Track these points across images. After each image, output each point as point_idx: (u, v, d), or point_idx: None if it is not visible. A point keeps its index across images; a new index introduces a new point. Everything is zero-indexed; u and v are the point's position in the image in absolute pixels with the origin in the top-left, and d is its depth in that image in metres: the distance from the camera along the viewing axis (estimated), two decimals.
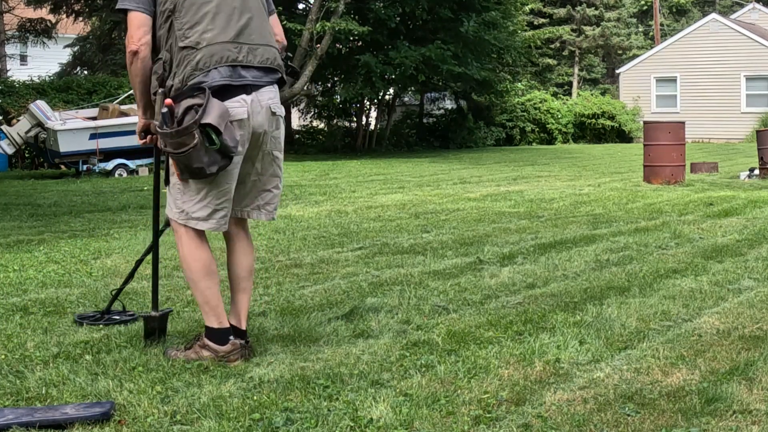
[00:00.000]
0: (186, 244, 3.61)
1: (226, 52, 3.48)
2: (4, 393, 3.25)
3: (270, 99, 3.60)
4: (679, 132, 12.45)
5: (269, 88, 3.60)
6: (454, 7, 21.98)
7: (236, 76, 3.49)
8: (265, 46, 3.60)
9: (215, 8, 3.52)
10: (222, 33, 3.49)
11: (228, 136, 3.38)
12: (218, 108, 3.37)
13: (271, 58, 3.61)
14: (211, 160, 3.38)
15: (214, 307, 3.59)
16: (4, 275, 5.64)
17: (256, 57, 3.55)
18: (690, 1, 47.69)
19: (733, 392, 3.14)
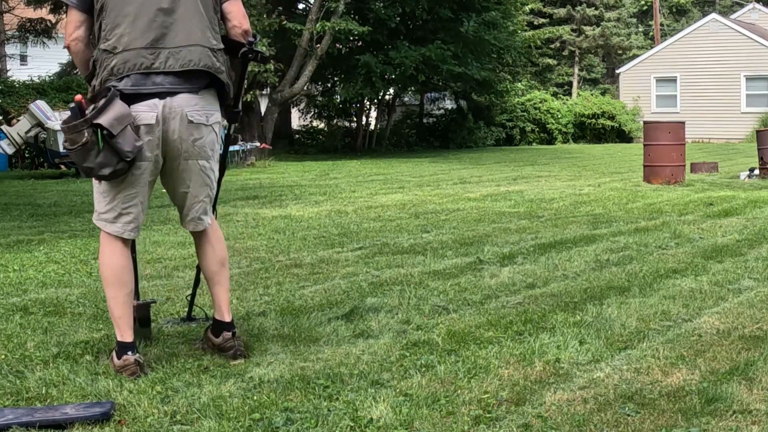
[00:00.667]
0: (102, 246, 3.56)
1: (140, 59, 3.39)
2: (4, 393, 3.25)
3: (188, 106, 3.45)
4: (679, 132, 12.45)
5: (189, 95, 3.45)
6: (454, 7, 21.99)
7: (149, 84, 3.39)
8: (190, 47, 3.44)
9: (137, 9, 3.42)
10: (139, 37, 3.40)
11: (124, 140, 3.28)
12: (117, 110, 3.29)
13: (195, 60, 3.44)
14: (103, 162, 3.31)
15: (115, 318, 3.48)
16: (4, 275, 5.64)
17: (177, 61, 3.41)
18: (690, 1, 47.69)
19: (733, 392, 3.14)
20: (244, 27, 3.61)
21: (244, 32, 3.61)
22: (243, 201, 10.62)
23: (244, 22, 3.62)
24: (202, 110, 3.50)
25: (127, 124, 3.31)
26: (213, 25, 3.55)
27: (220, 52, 3.55)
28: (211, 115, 3.54)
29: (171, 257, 6.33)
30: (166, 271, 5.79)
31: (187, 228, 3.69)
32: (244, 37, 3.60)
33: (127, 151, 3.30)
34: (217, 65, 3.51)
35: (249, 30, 3.62)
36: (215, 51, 3.52)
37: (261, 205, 10.16)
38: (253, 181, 13.88)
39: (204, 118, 3.50)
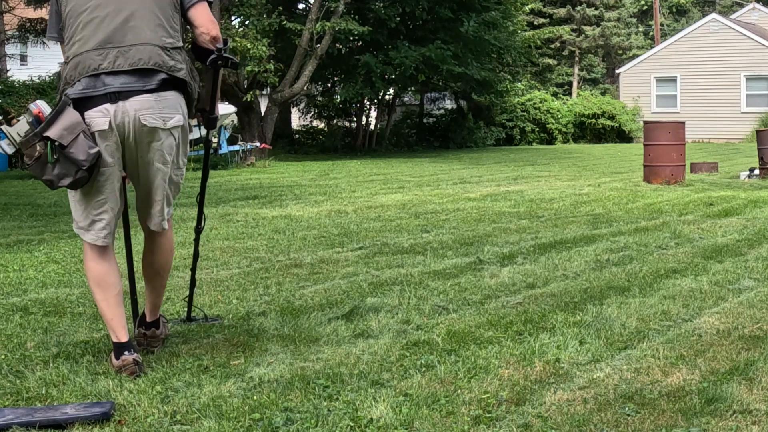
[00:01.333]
0: (84, 253, 3.59)
1: (88, 61, 3.37)
2: (4, 393, 3.25)
3: (142, 109, 3.37)
4: (679, 132, 12.44)
5: (143, 98, 3.37)
6: (454, 7, 21.99)
7: (100, 84, 3.35)
8: (139, 45, 3.38)
9: (87, 16, 3.41)
10: (89, 41, 3.39)
11: (77, 149, 3.24)
12: (67, 119, 3.27)
13: (145, 59, 3.37)
14: (62, 173, 3.28)
15: (108, 320, 3.49)
16: (4, 275, 5.64)
17: (127, 60, 3.36)
18: (690, 1, 47.69)
19: (733, 392, 3.14)
20: (212, 33, 3.50)
21: (212, 39, 3.51)
22: (243, 201, 10.62)
23: (212, 28, 3.51)
24: (158, 113, 3.40)
25: (80, 132, 3.27)
26: (170, 23, 3.47)
27: (177, 51, 3.46)
28: (169, 119, 3.43)
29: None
30: None
31: (148, 226, 3.65)
32: (213, 43, 3.51)
33: (82, 159, 3.26)
34: (170, 63, 3.41)
35: (218, 36, 3.51)
36: (169, 49, 3.43)
37: (261, 205, 10.16)
38: (253, 181, 13.88)
39: (160, 121, 3.40)
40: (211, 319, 4.33)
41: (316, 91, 26.44)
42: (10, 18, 25.18)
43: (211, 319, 4.34)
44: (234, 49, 18.43)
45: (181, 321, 4.32)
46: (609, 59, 43.04)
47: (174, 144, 3.49)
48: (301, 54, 20.39)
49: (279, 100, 21.15)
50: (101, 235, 3.49)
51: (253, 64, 18.62)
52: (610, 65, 42.74)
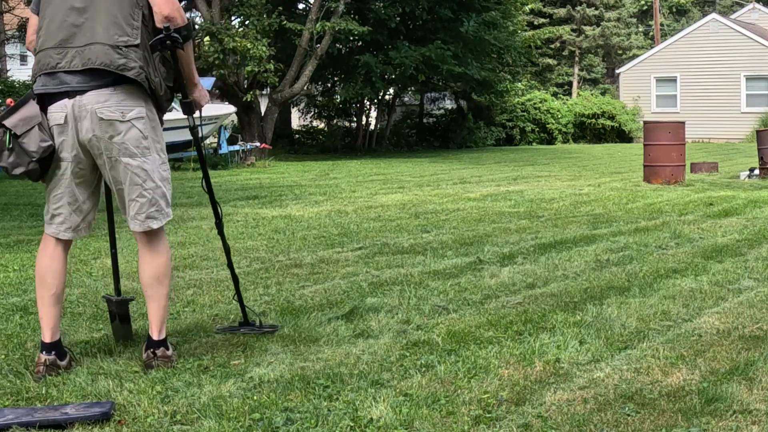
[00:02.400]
0: (40, 245, 3.64)
1: (48, 59, 3.41)
2: (4, 393, 3.25)
3: (98, 102, 3.37)
4: (679, 132, 12.45)
5: (99, 92, 3.38)
6: (454, 7, 21.99)
7: (57, 82, 3.39)
8: (92, 45, 3.38)
9: (53, 11, 3.45)
10: (51, 37, 3.43)
11: (29, 140, 3.33)
12: (26, 111, 3.36)
13: (93, 58, 3.36)
14: (15, 162, 3.37)
15: (39, 317, 3.54)
16: (4, 275, 5.64)
17: (81, 60, 3.37)
18: (690, 1, 47.69)
19: (733, 392, 3.14)
20: (164, 12, 3.45)
21: (163, 18, 3.45)
22: (243, 201, 10.62)
23: (164, 7, 3.45)
24: (116, 106, 3.39)
25: (35, 124, 3.36)
26: (129, 20, 3.42)
27: (133, 49, 3.39)
28: (128, 111, 3.41)
29: (171, 257, 6.32)
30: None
31: (130, 227, 3.59)
32: (163, 23, 3.45)
33: (32, 151, 3.35)
34: (119, 62, 3.36)
35: (170, 15, 3.44)
36: (121, 48, 3.38)
37: (261, 205, 10.16)
38: (253, 181, 13.88)
39: (118, 114, 3.39)
40: (266, 328, 4.12)
41: (316, 91, 26.44)
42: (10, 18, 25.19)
43: (266, 327, 4.13)
44: (234, 48, 18.45)
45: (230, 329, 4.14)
46: (609, 59, 43.04)
47: (140, 136, 3.44)
48: (301, 54, 20.39)
49: (279, 100, 21.15)
50: (61, 229, 3.55)
51: (253, 64, 18.62)
52: (610, 65, 42.75)
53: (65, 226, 3.55)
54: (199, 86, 3.77)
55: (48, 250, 3.57)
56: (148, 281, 3.60)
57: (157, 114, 3.57)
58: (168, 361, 3.54)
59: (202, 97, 3.79)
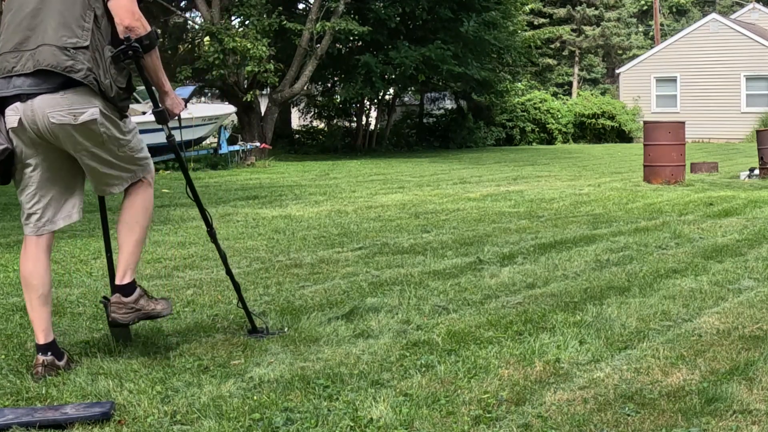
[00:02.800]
0: (22, 249, 3.69)
1: (4, 63, 3.43)
2: (4, 393, 3.25)
3: (48, 107, 3.36)
4: (679, 132, 12.45)
5: (49, 96, 3.37)
6: (454, 7, 21.99)
7: (11, 86, 3.40)
8: (41, 47, 3.38)
9: (11, 16, 3.47)
10: (8, 42, 3.45)
11: None
12: None
13: (41, 60, 3.36)
14: None
15: (30, 319, 3.58)
16: (4, 275, 5.64)
17: (31, 62, 3.38)
18: (690, 1, 47.69)
19: (733, 392, 3.14)
20: (125, 23, 3.42)
21: (124, 29, 3.42)
22: (243, 201, 10.62)
23: (125, 18, 3.42)
24: (66, 110, 3.38)
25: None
26: (79, 21, 3.41)
27: (82, 50, 3.38)
28: (80, 114, 3.39)
29: (171, 257, 6.33)
30: (166, 271, 5.79)
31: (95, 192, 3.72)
32: (124, 33, 3.43)
33: None
34: (67, 64, 3.35)
35: (131, 25, 3.41)
36: (69, 49, 3.37)
37: (261, 205, 10.16)
38: (253, 181, 13.88)
39: (70, 117, 3.38)
40: (273, 332, 4.07)
41: (316, 91, 26.44)
42: None
43: (273, 332, 4.09)
44: (234, 48, 18.45)
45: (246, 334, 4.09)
46: (609, 59, 43.04)
47: (95, 134, 3.44)
48: (301, 54, 20.40)
49: (279, 100, 21.15)
50: (39, 226, 3.60)
51: (253, 64, 18.62)
52: (610, 65, 42.75)
53: (42, 221, 3.60)
54: (172, 94, 3.73)
55: (29, 252, 3.62)
56: (120, 227, 3.68)
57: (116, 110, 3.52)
58: (123, 307, 3.60)
59: (175, 106, 3.74)
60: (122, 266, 3.64)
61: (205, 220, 4.04)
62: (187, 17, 24.30)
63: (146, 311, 3.67)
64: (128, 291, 3.63)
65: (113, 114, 3.50)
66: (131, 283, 3.65)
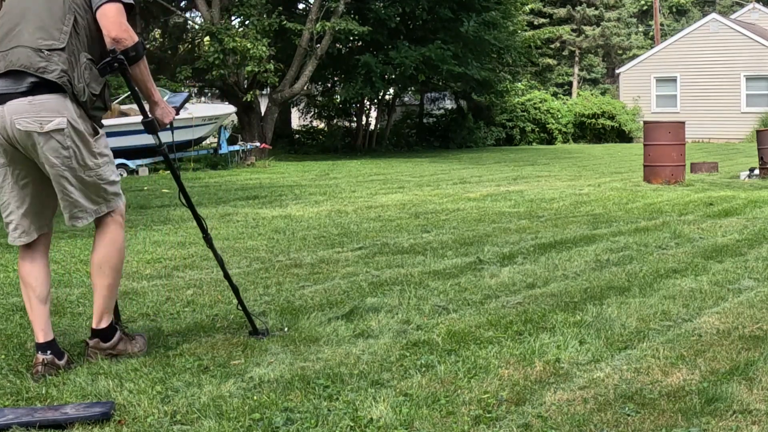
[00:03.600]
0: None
1: None
2: (4, 393, 3.25)
3: (16, 113, 3.34)
4: (679, 132, 12.45)
5: (17, 101, 3.34)
6: (454, 7, 21.99)
7: None
8: (15, 48, 3.37)
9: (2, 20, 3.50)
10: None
11: None
12: None
13: (14, 60, 3.35)
14: None
15: (31, 320, 3.58)
16: (4, 275, 5.64)
17: (5, 63, 3.38)
18: (690, 1, 47.69)
19: (733, 392, 3.14)
20: (111, 34, 3.40)
21: (111, 40, 3.41)
22: (243, 201, 10.62)
23: (112, 29, 3.40)
24: (33, 117, 3.34)
25: None
26: (58, 24, 3.40)
27: (57, 52, 3.36)
28: (46, 122, 3.34)
29: (171, 257, 6.33)
30: (166, 271, 5.79)
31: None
32: (111, 45, 3.41)
33: None
34: (40, 65, 3.34)
35: (117, 36, 3.39)
36: (44, 50, 3.35)
37: (261, 205, 10.16)
38: (253, 181, 13.88)
39: (36, 125, 3.34)
40: (273, 333, 4.07)
41: (316, 91, 26.45)
42: None
43: (273, 332, 4.08)
44: (234, 48, 18.45)
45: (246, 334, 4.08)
46: (609, 59, 43.04)
47: (59, 146, 3.37)
48: (301, 54, 20.40)
49: (279, 100, 21.16)
50: (15, 235, 3.57)
51: (253, 64, 18.62)
52: (610, 65, 42.75)
53: (19, 232, 3.56)
54: (161, 104, 3.70)
55: (26, 253, 3.62)
56: (93, 269, 3.65)
57: (89, 122, 3.47)
58: (102, 352, 3.58)
59: (165, 115, 3.71)
60: (98, 311, 3.61)
61: (201, 227, 4.02)
62: (187, 17, 24.30)
63: (122, 355, 3.63)
64: (107, 335, 3.61)
65: (85, 128, 3.44)
66: (110, 326, 3.62)
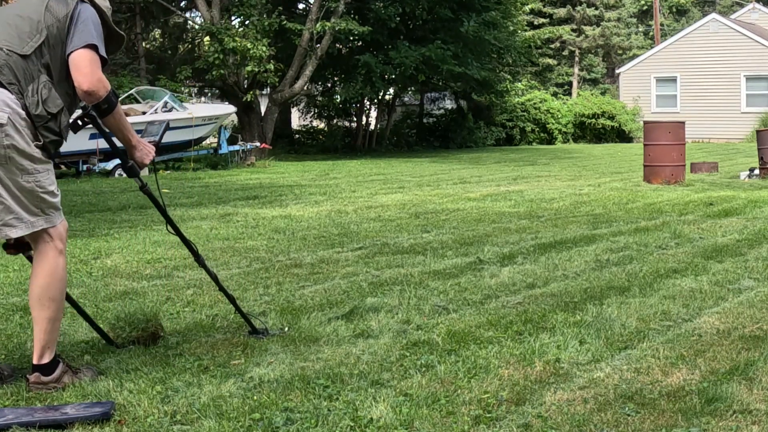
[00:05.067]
0: None
1: None
2: (4, 393, 3.25)
3: None
4: (679, 132, 12.44)
5: None
6: (454, 7, 22.00)
7: None
8: None
9: None
10: None
11: None
12: None
13: None
14: None
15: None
16: (4, 275, 5.64)
17: None
18: (690, 1, 47.69)
19: (733, 392, 3.14)
20: (83, 87, 3.28)
21: (83, 93, 3.30)
22: (243, 201, 10.62)
23: (84, 82, 3.29)
24: None
25: None
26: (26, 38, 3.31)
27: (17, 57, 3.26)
28: None
29: (171, 257, 6.33)
30: (166, 271, 5.79)
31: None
32: (82, 98, 3.30)
33: None
34: None
35: (90, 89, 3.27)
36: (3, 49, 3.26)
37: (261, 205, 10.16)
38: (253, 181, 13.88)
39: None
40: (273, 332, 4.07)
41: (316, 91, 26.45)
42: None
43: (273, 332, 4.08)
44: (234, 48, 18.45)
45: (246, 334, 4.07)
46: (609, 59, 43.04)
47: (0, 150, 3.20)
48: (301, 54, 20.40)
49: (279, 100, 21.16)
50: None
51: (253, 64, 18.62)
52: (610, 65, 42.74)
53: None
54: (140, 146, 3.60)
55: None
56: (31, 301, 3.34)
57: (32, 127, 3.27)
58: (44, 387, 3.29)
59: (144, 156, 3.60)
60: (38, 345, 3.30)
61: (190, 250, 3.99)
62: (187, 17, 24.31)
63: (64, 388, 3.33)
64: (48, 370, 3.31)
65: (28, 131, 3.26)
66: (51, 361, 3.33)
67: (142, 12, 23.49)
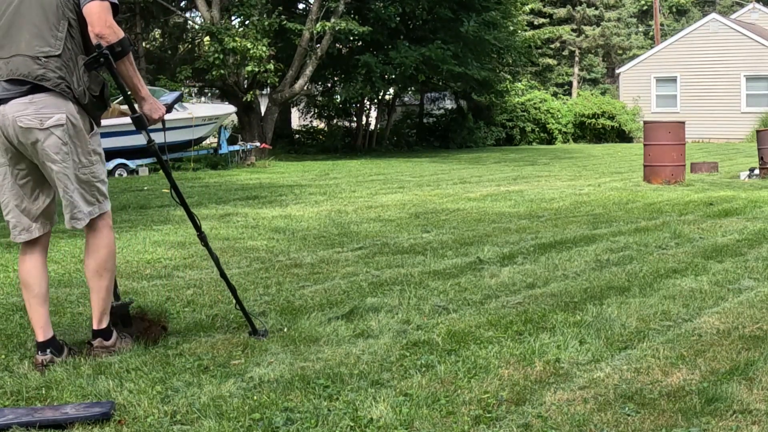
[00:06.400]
0: None
1: None
2: (4, 393, 3.25)
3: (18, 112, 3.47)
4: (679, 132, 12.44)
5: (19, 100, 3.48)
6: (454, 7, 22.00)
7: None
8: (15, 57, 3.49)
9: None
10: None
11: None
12: None
13: (14, 69, 3.49)
14: None
15: (30, 319, 3.69)
16: (4, 275, 5.64)
17: (6, 71, 3.51)
18: (690, 1, 47.69)
19: (733, 392, 3.14)
20: (95, 30, 3.48)
21: (95, 36, 3.48)
22: (243, 201, 10.62)
23: (96, 25, 3.48)
24: (34, 114, 3.47)
25: None
26: (53, 31, 3.51)
27: (54, 59, 3.49)
28: (47, 119, 3.48)
29: (171, 257, 6.33)
30: (167, 270, 5.79)
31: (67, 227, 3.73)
32: (95, 40, 3.49)
33: None
34: (38, 73, 3.47)
35: (100, 32, 3.47)
36: (41, 58, 3.48)
37: (261, 205, 10.16)
38: (253, 181, 13.88)
39: (36, 122, 3.47)
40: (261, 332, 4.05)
41: (316, 91, 26.45)
42: None
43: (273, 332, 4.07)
44: (234, 48, 18.45)
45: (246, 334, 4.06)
46: (609, 59, 43.04)
47: (59, 142, 3.51)
48: (301, 54, 20.40)
49: (279, 100, 21.16)
50: (15, 233, 3.69)
51: (253, 64, 18.62)
52: (610, 65, 42.75)
53: (18, 229, 3.67)
54: (150, 99, 3.77)
55: (25, 254, 3.72)
56: (89, 275, 3.72)
57: (87, 118, 3.61)
58: (105, 351, 3.69)
59: (154, 111, 3.78)
60: (98, 312, 3.72)
61: (194, 224, 4.02)
62: (187, 17, 24.31)
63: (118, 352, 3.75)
64: (108, 335, 3.75)
65: (83, 125, 3.58)
66: (108, 327, 3.75)
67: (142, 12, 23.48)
